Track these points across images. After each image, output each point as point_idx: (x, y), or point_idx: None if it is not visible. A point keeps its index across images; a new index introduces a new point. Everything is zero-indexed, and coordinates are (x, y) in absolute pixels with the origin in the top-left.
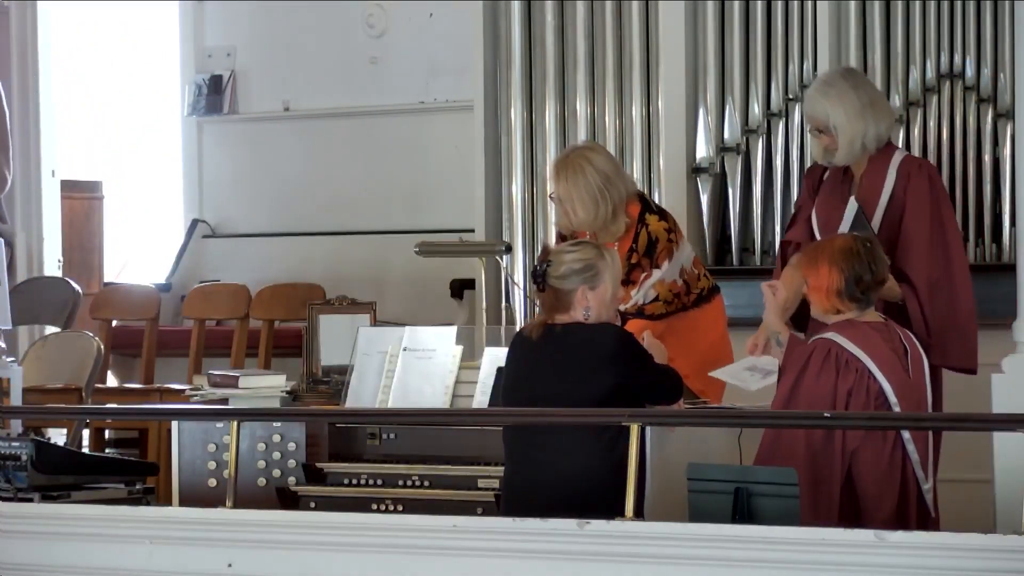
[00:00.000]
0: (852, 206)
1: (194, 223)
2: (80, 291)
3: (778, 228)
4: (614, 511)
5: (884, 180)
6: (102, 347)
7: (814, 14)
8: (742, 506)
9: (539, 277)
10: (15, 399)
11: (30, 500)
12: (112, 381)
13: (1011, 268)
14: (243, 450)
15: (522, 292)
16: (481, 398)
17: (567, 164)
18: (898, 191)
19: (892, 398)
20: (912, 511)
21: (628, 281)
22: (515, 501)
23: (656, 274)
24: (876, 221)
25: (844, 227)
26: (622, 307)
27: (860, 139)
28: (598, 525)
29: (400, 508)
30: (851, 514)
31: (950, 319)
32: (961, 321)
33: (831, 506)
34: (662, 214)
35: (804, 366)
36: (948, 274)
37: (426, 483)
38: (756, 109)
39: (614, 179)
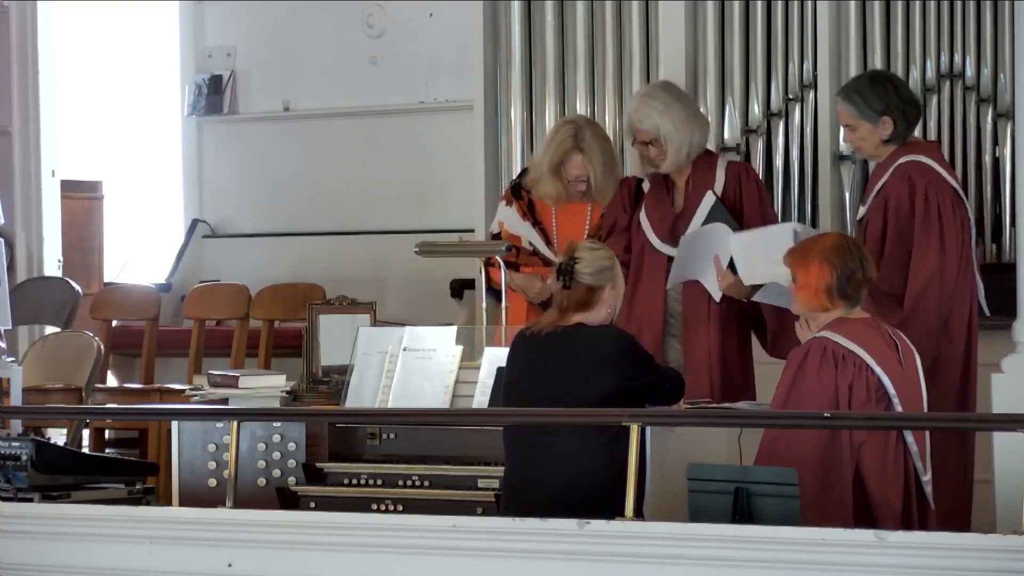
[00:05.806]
0: (709, 199)
1: (194, 223)
2: (80, 291)
3: None
4: (614, 511)
5: (713, 182)
6: (102, 347)
7: (814, 14)
8: (742, 506)
9: (567, 273)
10: (15, 399)
11: (30, 500)
12: (112, 381)
13: (1011, 268)
14: (243, 450)
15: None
16: (481, 398)
17: None
18: (728, 192)
19: (891, 390)
20: (914, 503)
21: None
22: (515, 501)
23: None
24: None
25: (699, 220)
26: None
27: (687, 146)
28: (598, 525)
29: (400, 508)
30: (861, 509)
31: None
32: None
33: (843, 502)
34: None
35: (801, 365)
36: None
37: (426, 483)
38: (756, 109)
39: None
